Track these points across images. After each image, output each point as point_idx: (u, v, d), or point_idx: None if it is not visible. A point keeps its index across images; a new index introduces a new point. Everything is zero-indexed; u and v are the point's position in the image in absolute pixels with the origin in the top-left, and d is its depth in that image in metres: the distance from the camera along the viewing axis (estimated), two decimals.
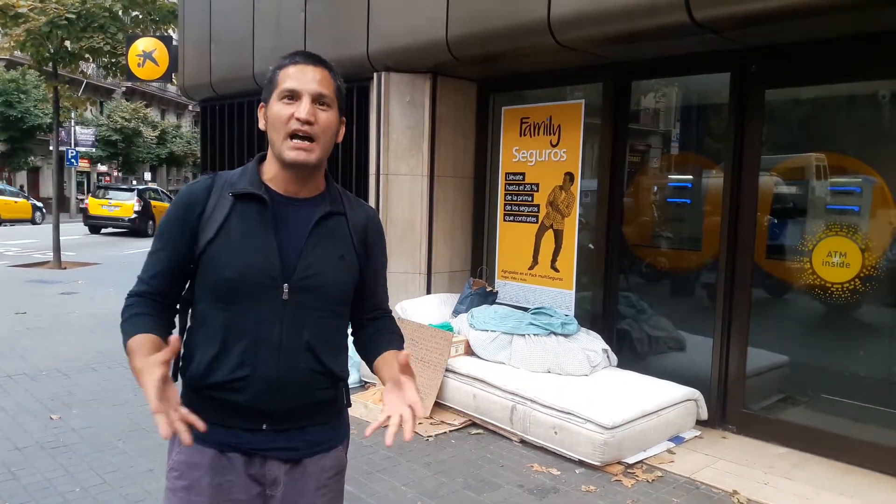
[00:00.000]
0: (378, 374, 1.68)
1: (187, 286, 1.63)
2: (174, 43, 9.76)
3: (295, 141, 1.54)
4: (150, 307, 1.58)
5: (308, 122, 1.53)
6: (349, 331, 1.77)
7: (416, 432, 4.50)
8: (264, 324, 1.53)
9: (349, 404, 1.77)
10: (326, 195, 1.65)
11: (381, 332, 1.76)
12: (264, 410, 1.56)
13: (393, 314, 1.86)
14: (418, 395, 1.48)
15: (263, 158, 1.66)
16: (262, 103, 1.63)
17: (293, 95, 1.55)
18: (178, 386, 1.65)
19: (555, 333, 4.82)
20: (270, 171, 1.61)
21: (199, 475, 1.58)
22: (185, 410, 1.36)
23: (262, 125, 1.63)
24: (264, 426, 1.58)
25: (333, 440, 1.71)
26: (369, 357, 1.73)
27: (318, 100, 1.56)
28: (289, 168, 1.58)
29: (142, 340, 1.48)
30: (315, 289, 1.58)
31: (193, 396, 1.60)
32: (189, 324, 1.63)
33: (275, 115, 1.56)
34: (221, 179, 1.61)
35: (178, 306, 1.65)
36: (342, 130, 1.66)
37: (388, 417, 1.47)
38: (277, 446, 1.60)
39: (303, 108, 1.53)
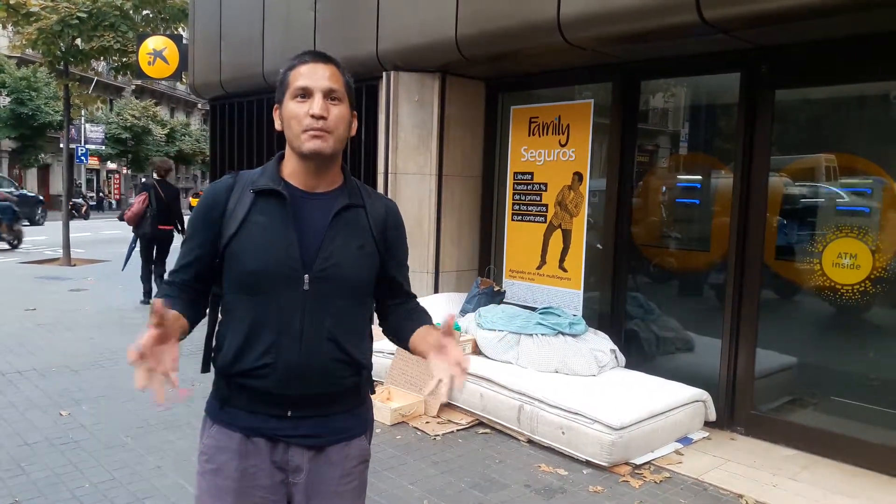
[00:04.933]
0: (417, 350, 1.72)
1: (217, 280, 1.71)
2: (184, 42, 9.82)
3: (311, 132, 1.60)
4: (177, 292, 1.67)
5: (322, 117, 1.59)
6: (375, 320, 1.83)
7: (423, 431, 4.52)
8: (286, 314, 1.58)
9: (373, 391, 1.84)
10: (345, 188, 1.71)
11: (411, 313, 1.82)
12: (289, 397, 1.62)
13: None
14: (462, 351, 1.53)
15: (283, 157, 1.72)
16: (276, 105, 1.69)
17: (305, 93, 1.61)
18: (210, 374, 1.73)
19: (563, 333, 4.82)
20: (289, 167, 1.68)
21: (227, 459, 1.65)
22: (170, 368, 1.43)
23: (278, 126, 1.70)
24: (289, 413, 1.64)
25: (356, 428, 1.75)
26: (404, 336, 1.77)
27: (329, 95, 1.62)
28: (307, 160, 1.64)
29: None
30: (335, 279, 1.63)
31: (223, 383, 1.68)
32: (219, 316, 1.72)
33: (289, 113, 1.62)
34: (243, 178, 1.69)
35: (208, 296, 1.73)
36: (354, 124, 1.72)
37: (440, 381, 1.51)
38: (301, 433, 1.65)
39: (316, 104, 1.59)
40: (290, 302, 1.58)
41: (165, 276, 1.72)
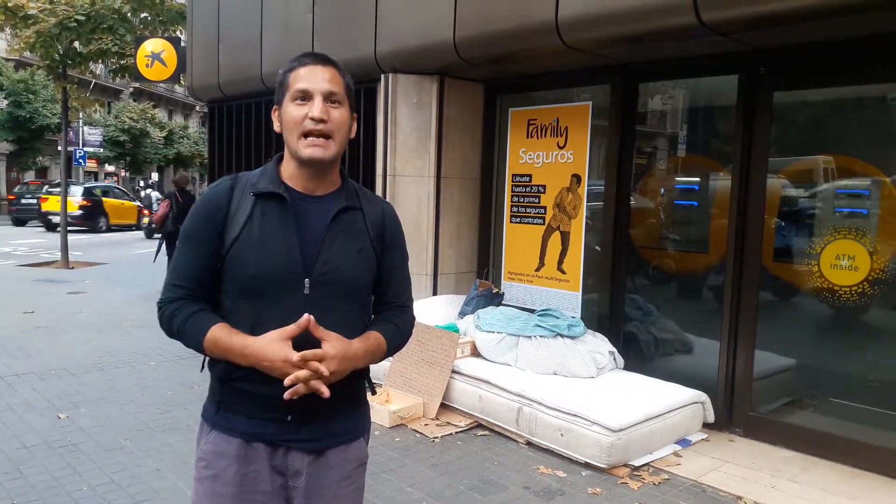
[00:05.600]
0: None
1: (215, 285, 1.67)
2: (182, 44, 9.81)
3: (310, 139, 1.59)
4: (200, 304, 1.63)
5: (321, 121, 1.59)
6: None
7: (421, 433, 4.52)
8: (288, 317, 1.55)
9: (374, 392, 1.84)
10: (342, 191, 1.71)
11: (376, 322, 1.78)
12: (289, 401, 1.57)
13: (409, 309, 1.85)
14: (327, 355, 1.56)
15: (282, 158, 1.71)
16: (275, 106, 1.68)
17: (305, 96, 1.60)
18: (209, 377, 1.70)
19: (561, 335, 4.82)
20: (289, 170, 1.67)
21: (226, 465, 1.63)
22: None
23: (276, 127, 1.69)
24: (289, 417, 1.62)
25: (355, 431, 1.75)
26: None
27: (329, 98, 1.61)
28: (306, 165, 1.63)
29: (228, 328, 1.58)
30: (335, 282, 1.62)
31: (221, 388, 1.66)
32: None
33: (289, 116, 1.61)
34: (243, 180, 1.67)
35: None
36: (354, 126, 1.71)
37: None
38: (301, 437, 1.65)
39: (316, 108, 1.58)
40: (291, 306, 1.56)
41: (170, 293, 1.64)
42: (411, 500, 3.54)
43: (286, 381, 1.52)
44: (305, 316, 1.53)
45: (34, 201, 22.55)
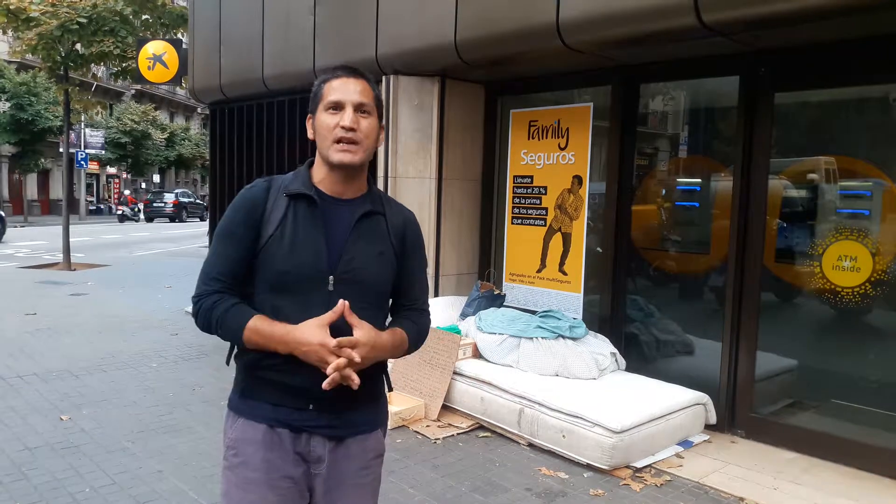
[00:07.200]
0: None
1: (249, 279, 1.76)
2: (184, 46, 9.83)
3: (341, 144, 1.70)
4: (236, 298, 1.73)
5: (352, 129, 1.70)
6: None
7: (423, 435, 4.52)
8: (313, 312, 1.66)
9: (391, 388, 1.94)
10: (368, 196, 1.82)
11: (398, 319, 1.89)
12: (312, 392, 1.69)
13: (427, 314, 1.96)
14: (359, 342, 1.65)
15: (312, 164, 1.81)
16: (309, 115, 1.79)
17: (338, 106, 1.72)
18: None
19: (563, 337, 4.82)
20: (320, 174, 1.78)
21: (253, 450, 1.73)
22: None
23: (310, 134, 1.80)
24: (311, 406, 1.72)
25: (374, 423, 1.85)
26: None
27: (359, 108, 1.72)
28: (336, 169, 1.74)
29: (267, 319, 1.68)
30: (357, 281, 1.73)
31: (247, 377, 1.76)
32: None
33: (322, 124, 1.73)
34: (277, 182, 1.78)
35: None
36: (382, 135, 1.81)
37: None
38: (322, 424, 1.74)
39: (347, 117, 1.70)
40: (316, 301, 1.67)
41: (207, 286, 1.72)
42: (413, 501, 3.54)
43: (328, 370, 1.61)
44: (341, 302, 1.63)
45: (162, 204, 32.93)
